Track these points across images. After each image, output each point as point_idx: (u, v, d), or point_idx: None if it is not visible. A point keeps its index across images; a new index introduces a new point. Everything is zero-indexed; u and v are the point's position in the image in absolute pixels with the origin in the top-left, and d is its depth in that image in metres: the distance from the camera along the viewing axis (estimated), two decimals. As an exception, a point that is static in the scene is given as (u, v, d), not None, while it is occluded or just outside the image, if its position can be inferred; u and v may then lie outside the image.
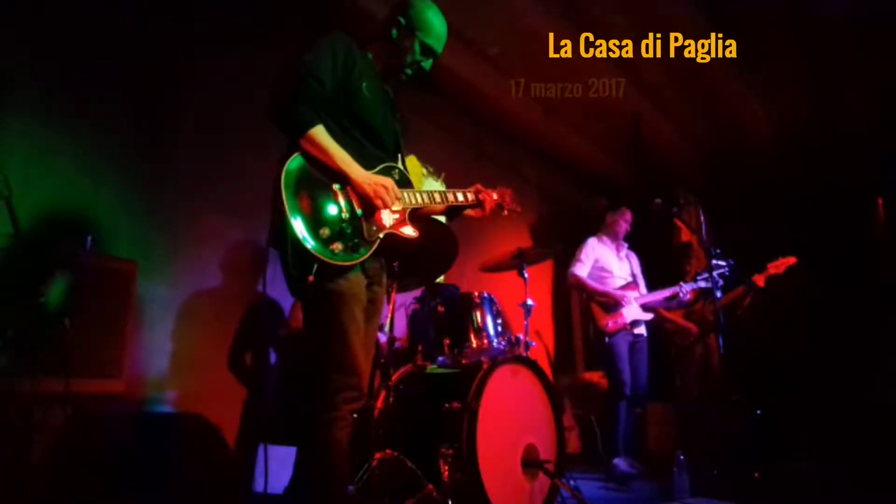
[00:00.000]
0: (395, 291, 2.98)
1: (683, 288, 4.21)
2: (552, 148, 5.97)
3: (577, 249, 4.44)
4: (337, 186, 1.87)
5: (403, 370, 2.95)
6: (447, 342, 2.93)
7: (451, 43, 2.24)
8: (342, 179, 1.87)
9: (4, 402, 2.17)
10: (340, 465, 1.82)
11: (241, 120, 3.36)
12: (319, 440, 1.78)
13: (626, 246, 4.55)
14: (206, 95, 3.40)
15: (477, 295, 3.05)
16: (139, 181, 3.12)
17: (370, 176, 1.92)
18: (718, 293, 3.82)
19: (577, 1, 3.97)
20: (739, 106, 5.27)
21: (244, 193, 3.35)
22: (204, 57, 3.41)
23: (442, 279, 3.60)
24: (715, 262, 3.88)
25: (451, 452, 2.39)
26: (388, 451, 2.48)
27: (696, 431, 4.42)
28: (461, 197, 2.31)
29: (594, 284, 4.29)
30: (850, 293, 5.21)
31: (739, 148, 5.76)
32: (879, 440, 4.24)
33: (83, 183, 2.92)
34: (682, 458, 3.18)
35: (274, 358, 3.48)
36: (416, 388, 2.90)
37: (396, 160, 2.16)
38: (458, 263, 3.05)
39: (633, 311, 4.20)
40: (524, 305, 3.36)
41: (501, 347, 2.97)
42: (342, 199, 1.87)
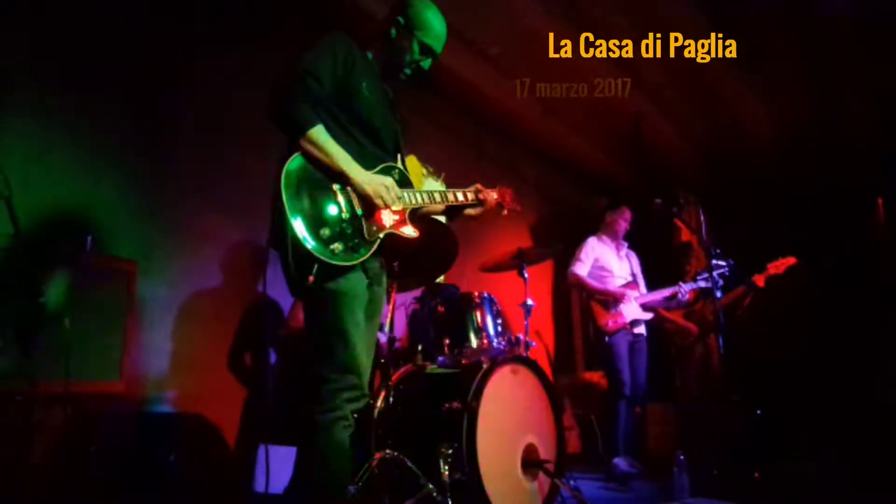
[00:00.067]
0: (395, 291, 2.98)
1: (683, 288, 4.21)
2: (552, 148, 5.97)
3: (576, 249, 4.44)
4: (337, 186, 1.87)
5: (403, 370, 2.94)
6: (447, 342, 2.93)
7: (451, 43, 2.24)
8: (342, 179, 1.87)
9: (4, 402, 2.17)
10: (341, 465, 1.82)
11: (241, 120, 3.36)
12: (320, 440, 1.78)
13: (625, 245, 4.55)
14: (206, 95, 3.40)
15: (477, 295, 3.05)
16: (139, 181, 3.13)
17: (370, 175, 1.92)
18: (718, 293, 3.82)
19: (577, 1, 3.97)
20: (739, 106, 5.27)
21: (244, 193, 3.35)
22: (204, 57, 3.41)
23: (442, 279, 3.59)
24: (715, 262, 3.87)
25: (451, 452, 2.39)
26: (388, 451, 2.48)
27: (696, 431, 4.42)
28: (461, 197, 2.31)
29: (594, 283, 4.29)
30: (850, 293, 5.21)
31: (739, 148, 5.76)
32: (879, 440, 4.24)
33: (83, 183, 2.93)
34: (682, 458, 3.18)
35: (274, 358, 3.48)
36: (416, 388, 2.90)
37: (396, 160, 2.16)
38: (458, 263, 3.05)
39: (632, 310, 4.20)
40: (524, 305, 3.36)
41: (501, 347, 2.97)
42: (342, 198, 1.87)
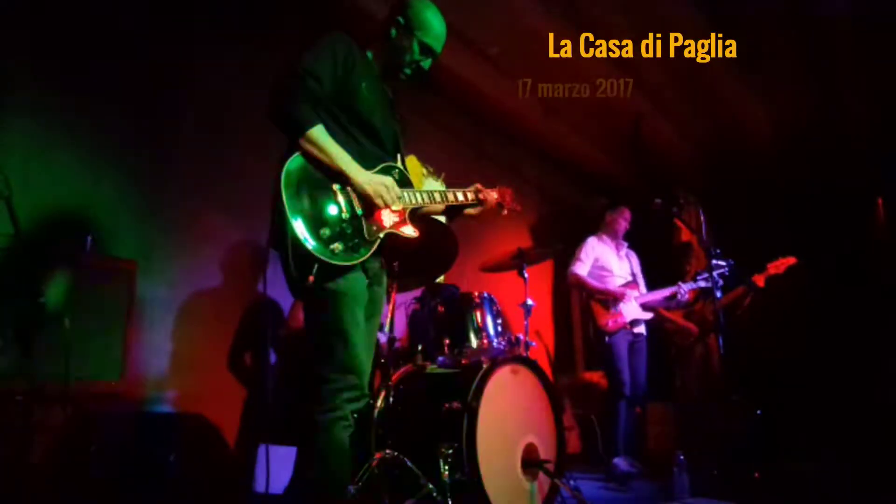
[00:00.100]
0: (395, 291, 2.98)
1: (682, 288, 4.21)
2: (552, 148, 5.97)
3: (577, 248, 4.44)
4: (337, 186, 1.87)
5: (403, 370, 2.95)
6: (447, 342, 2.93)
7: (451, 43, 2.24)
8: (342, 179, 1.86)
9: (4, 402, 2.17)
10: (341, 465, 1.82)
11: (241, 120, 3.36)
12: (320, 440, 1.78)
13: (625, 245, 4.55)
14: (206, 95, 3.40)
15: (477, 295, 3.05)
16: (139, 181, 3.13)
17: (370, 175, 1.92)
18: (718, 293, 3.82)
19: (577, 1, 3.97)
20: (739, 106, 5.26)
21: (244, 193, 3.35)
22: (204, 57, 3.41)
23: (442, 279, 3.59)
24: (715, 262, 3.87)
25: (451, 452, 2.39)
26: (388, 451, 2.48)
27: (696, 431, 4.42)
28: (461, 196, 2.31)
29: (594, 283, 4.29)
30: (850, 293, 5.21)
31: (739, 148, 5.76)
32: (879, 440, 4.24)
33: (83, 183, 2.93)
34: (682, 458, 3.18)
35: (274, 358, 3.48)
36: (416, 388, 2.90)
37: (396, 160, 2.15)
38: (458, 263, 3.04)
39: (632, 309, 4.20)
40: (524, 305, 3.36)
41: (501, 347, 2.97)
42: (342, 198, 1.87)
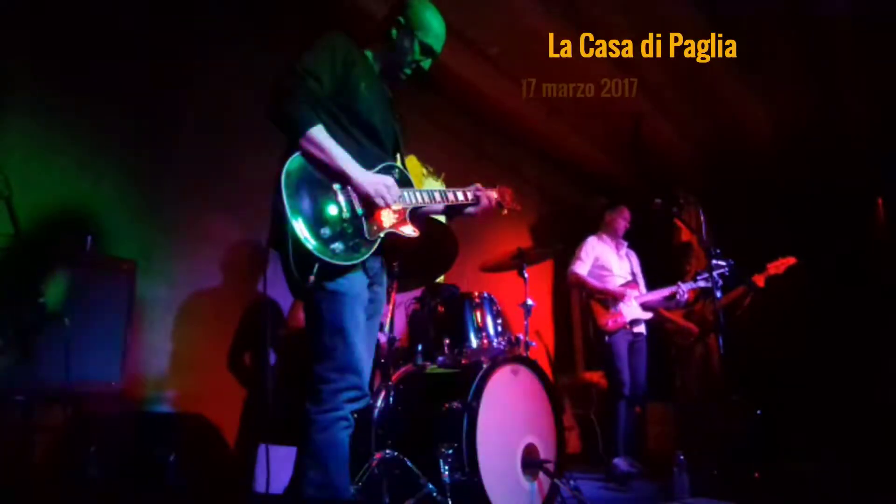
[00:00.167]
0: (395, 291, 2.98)
1: (682, 287, 4.21)
2: (552, 148, 5.97)
3: (577, 248, 4.44)
4: (337, 186, 1.87)
5: (403, 370, 2.95)
6: (447, 342, 2.93)
7: (451, 43, 2.24)
8: (342, 179, 1.86)
9: (4, 402, 2.17)
10: (341, 465, 1.82)
11: (241, 120, 3.36)
12: (320, 440, 1.78)
13: (625, 245, 4.55)
14: (206, 95, 3.40)
15: (477, 295, 3.05)
16: (139, 181, 3.13)
17: (370, 175, 1.92)
18: (718, 293, 3.81)
19: (577, 1, 3.97)
20: (739, 106, 5.26)
21: (244, 193, 3.35)
22: (204, 57, 3.41)
23: (442, 279, 3.59)
24: (715, 262, 3.87)
25: (450, 452, 2.39)
26: (388, 451, 2.48)
27: (696, 431, 4.42)
28: (461, 196, 2.31)
29: (594, 282, 4.29)
30: (850, 293, 5.21)
31: (739, 148, 5.76)
32: (879, 440, 4.24)
33: (83, 183, 2.93)
34: (682, 458, 3.18)
35: (274, 358, 3.48)
36: (416, 388, 2.90)
37: (396, 160, 2.16)
38: (458, 263, 3.05)
39: (632, 309, 4.20)
40: (524, 305, 3.36)
41: (501, 347, 2.97)
42: (342, 198, 1.87)
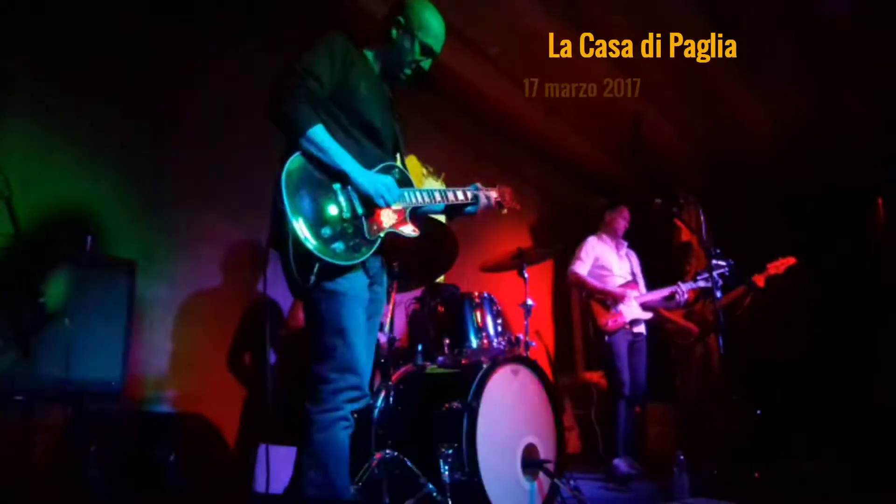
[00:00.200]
0: (395, 291, 2.98)
1: (681, 287, 4.21)
2: (552, 148, 5.97)
3: (577, 248, 4.44)
4: (337, 186, 1.87)
5: (403, 370, 2.95)
6: (447, 342, 2.93)
7: (451, 43, 2.24)
8: (342, 178, 1.86)
9: (4, 402, 2.17)
10: (341, 465, 1.82)
11: (241, 120, 3.36)
12: (320, 440, 1.78)
13: (625, 245, 4.55)
14: (206, 95, 3.40)
15: (477, 295, 3.05)
16: (139, 181, 3.12)
17: (371, 175, 1.92)
18: (718, 293, 3.81)
19: (577, 1, 3.97)
20: (739, 106, 5.26)
21: (244, 193, 3.35)
22: (204, 57, 3.41)
23: (442, 279, 3.59)
24: (715, 262, 3.87)
25: (451, 452, 2.39)
26: (388, 451, 2.48)
27: (696, 431, 4.42)
28: (461, 195, 2.31)
29: (594, 282, 4.29)
30: (850, 293, 5.21)
31: (739, 148, 5.76)
32: (879, 440, 4.24)
33: (83, 182, 2.93)
34: (682, 458, 3.17)
35: (274, 358, 3.48)
36: (416, 388, 2.90)
37: (396, 159, 2.16)
38: (458, 263, 3.05)
39: (632, 309, 4.20)
40: (524, 305, 3.36)
41: (501, 347, 2.97)
42: (343, 198, 1.87)
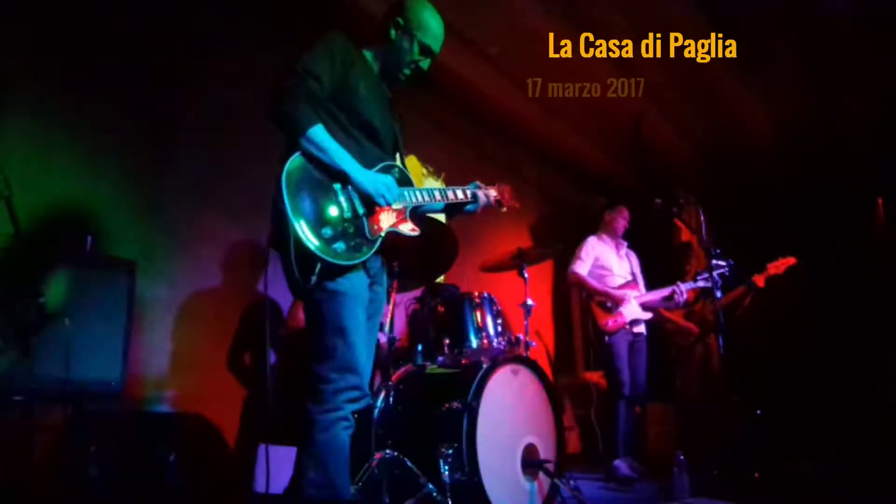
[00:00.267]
0: (395, 291, 2.98)
1: (680, 287, 4.21)
2: (552, 148, 5.97)
3: (577, 248, 4.44)
4: (337, 186, 1.87)
5: (403, 370, 2.95)
6: (447, 342, 2.93)
7: (451, 43, 2.25)
8: (342, 178, 1.87)
9: (4, 402, 2.17)
10: (341, 465, 1.82)
11: (241, 120, 3.36)
12: (321, 440, 1.78)
13: (625, 244, 4.55)
14: (206, 95, 3.40)
15: (477, 295, 3.05)
16: (139, 181, 3.12)
17: (371, 174, 1.92)
18: (718, 293, 3.81)
19: (577, 1, 3.97)
20: (739, 106, 5.26)
21: (244, 193, 3.34)
22: (204, 57, 3.41)
23: (442, 279, 3.59)
24: (715, 262, 3.87)
25: (451, 452, 2.39)
26: (388, 451, 2.48)
27: (696, 431, 4.42)
28: (460, 194, 2.31)
29: (594, 283, 4.29)
30: (850, 293, 5.21)
31: (739, 148, 5.76)
32: (879, 440, 4.24)
33: (83, 183, 2.92)
34: (682, 458, 3.17)
35: (274, 358, 3.48)
36: (416, 388, 2.90)
37: (395, 159, 2.16)
38: (458, 263, 3.05)
39: (632, 309, 4.20)
40: (524, 305, 3.36)
41: (501, 347, 2.97)
42: (343, 198, 1.87)
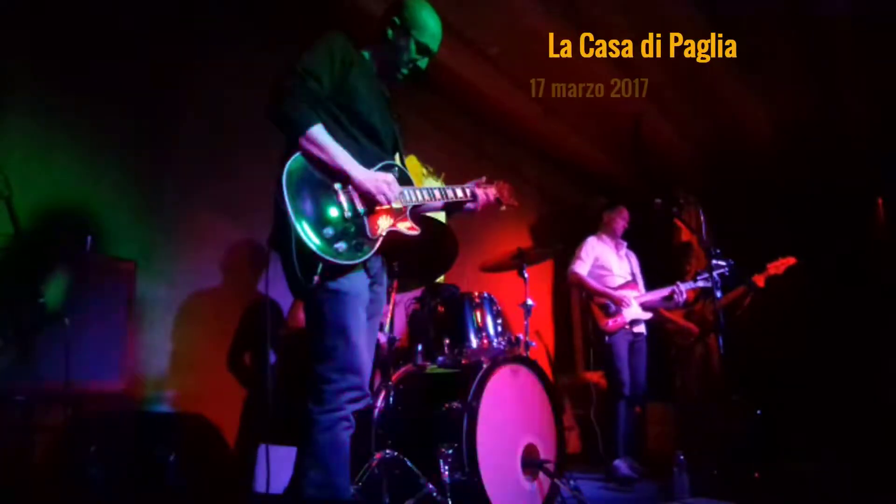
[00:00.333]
0: (395, 291, 2.98)
1: (679, 287, 4.21)
2: (552, 148, 5.97)
3: (577, 248, 4.44)
4: (338, 186, 1.87)
5: (403, 370, 2.95)
6: (447, 342, 2.93)
7: (451, 43, 2.25)
8: (343, 178, 1.86)
9: (4, 402, 2.17)
10: (342, 465, 1.82)
11: (241, 120, 3.36)
12: (321, 440, 1.77)
13: (625, 245, 4.55)
14: (206, 95, 3.40)
15: (477, 295, 3.05)
16: (139, 181, 3.12)
17: (371, 174, 1.92)
18: (718, 293, 3.81)
19: (577, 1, 3.97)
20: (739, 106, 5.26)
21: (244, 193, 3.34)
22: (204, 57, 3.41)
23: (442, 279, 3.59)
24: (715, 262, 3.87)
25: (451, 452, 2.39)
26: (388, 451, 2.48)
27: (696, 431, 4.42)
28: (460, 193, 2.31)
29: (594, 284, 4.29)
30: (850, 293, 5.21)
31: (739, 148, 5.76)
32: (879, 440, 4.24)
33: (83, 183, 2.92)
34: (682, 458, 3.18)
35: (274, 358, 3.48)
36: (416, 388, 2.90)
37: (395, 159, 2.16)
38: (458, 263, 3.05)
39: (632, 310, 4.20)
40: (524, 305, 3.36)
41: (501, 347, 2.97)
42: (344, 198, 1.87)
